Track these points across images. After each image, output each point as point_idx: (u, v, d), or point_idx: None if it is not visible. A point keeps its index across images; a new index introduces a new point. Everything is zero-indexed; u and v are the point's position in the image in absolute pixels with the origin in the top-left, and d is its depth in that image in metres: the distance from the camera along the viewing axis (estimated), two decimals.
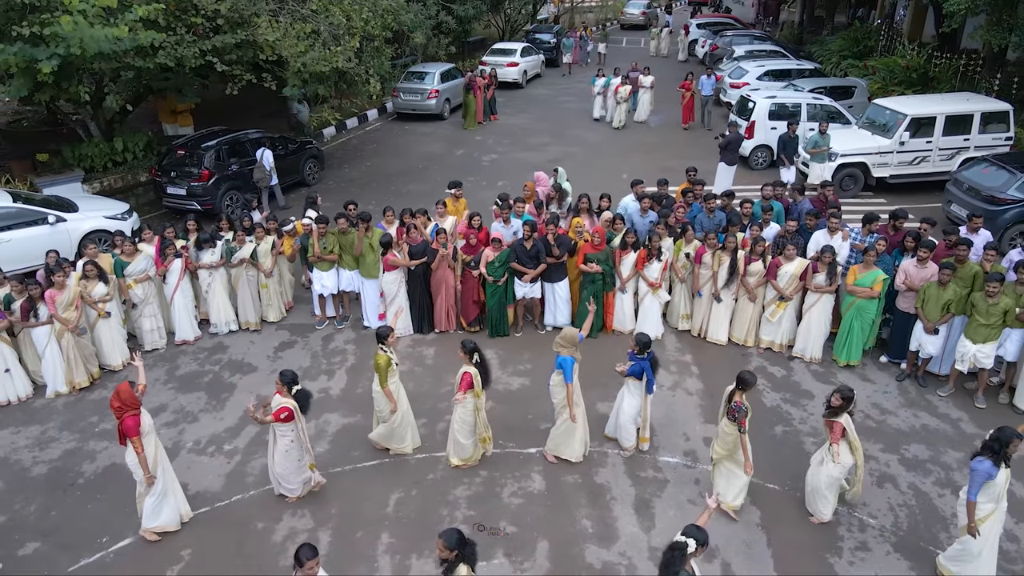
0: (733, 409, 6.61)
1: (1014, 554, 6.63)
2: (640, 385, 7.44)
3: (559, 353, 7.25)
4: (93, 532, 7.07)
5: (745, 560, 6.61)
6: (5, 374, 8.88)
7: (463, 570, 4.79)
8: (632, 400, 7.56)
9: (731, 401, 6.66)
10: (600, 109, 21.52)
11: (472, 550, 4.88)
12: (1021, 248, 8.81)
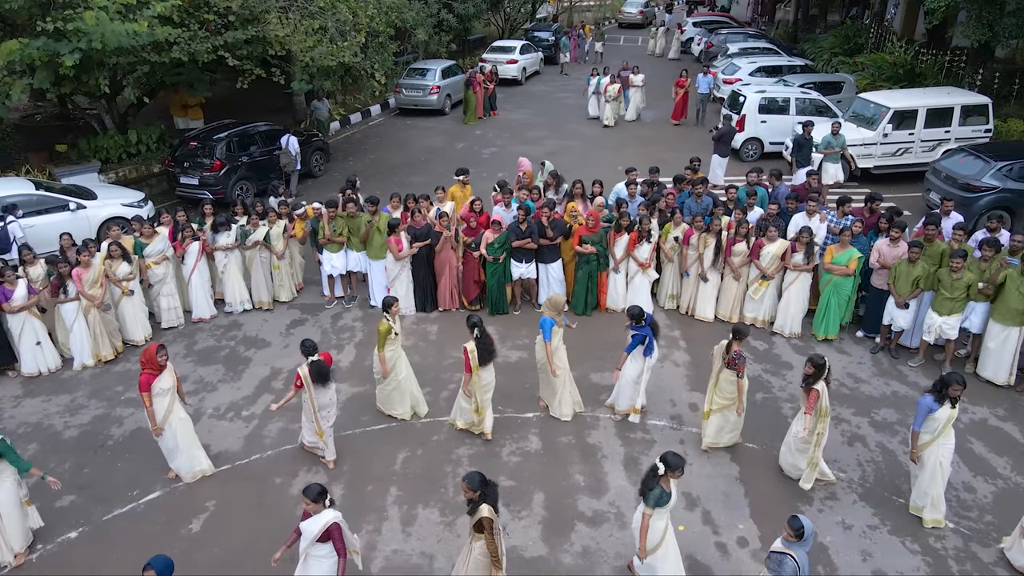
0: (733, 358, 7.24)
1: (970, 503, 7.24)
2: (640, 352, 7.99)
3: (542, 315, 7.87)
4: (124, 487, 7.67)
5: (724, 508, 7.22)
6: (36, 347, 9.49)
7: (485, 509, 5.39)
8: (634, 364, 8.10)
9: (729, 351, 7.24)
10: (595, 108, 21.87)
11: (494, 491, 5.51)
12: (987, 230, 9.38)
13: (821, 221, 10.08)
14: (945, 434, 6.52)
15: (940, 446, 6.57)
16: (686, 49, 32.56)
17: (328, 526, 5.47)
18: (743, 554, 6.69)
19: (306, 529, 5.52)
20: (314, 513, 5.51)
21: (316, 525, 5.47)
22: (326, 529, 5.47)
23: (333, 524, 5.50)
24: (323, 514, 5.50)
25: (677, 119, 21.06)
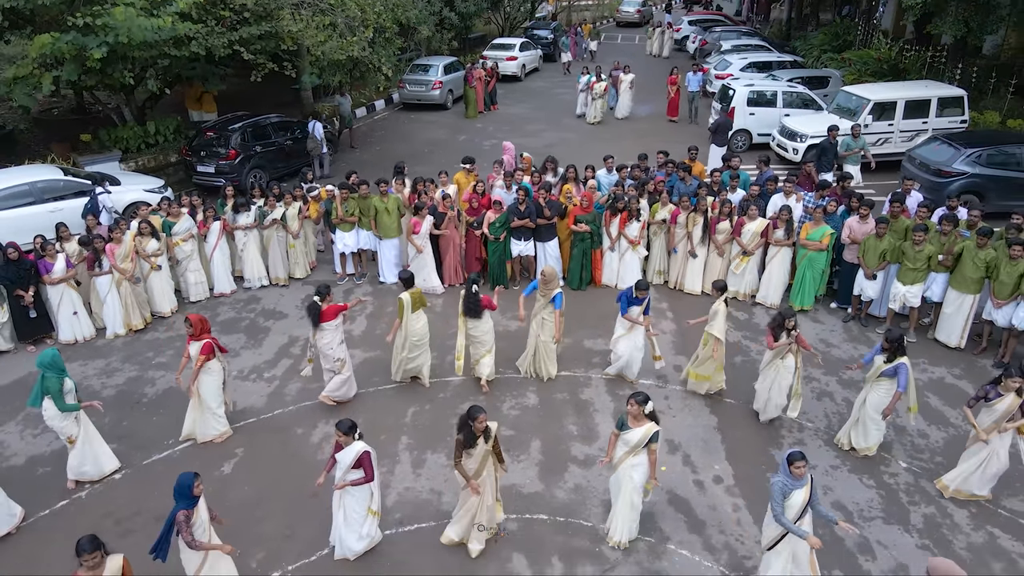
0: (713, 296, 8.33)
1: (923, 447, 8.05)
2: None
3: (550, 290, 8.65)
4: (160, 437, 8.47)
5: (703, 453, 8.03)
6: (73, 316, 10.30)
7: (494, 426, 6.27)
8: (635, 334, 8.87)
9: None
10: (583, 106, 22.25)
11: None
12: (947, 207, 10.19)
13: (797, 201, 10.89)
14: (874, 381, 7.37)
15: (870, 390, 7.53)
16: (681, 47, 33.37)
17: (360, 455, 6.27)
18: (718, 489, 7.50)
19: (341, 459, 6.32)
20: (346, 445, 6.31)
21: (349, 454, 6.28)
22: (358, 457, 6.27)
23: (364, 452, 6.31)
24: (354, 445, 6.31)
25: (673, 115, 21.64)
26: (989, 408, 6.92)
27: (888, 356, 7.28)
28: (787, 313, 7.81)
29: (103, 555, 5.09)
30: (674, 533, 6.97)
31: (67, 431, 7.38)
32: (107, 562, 5.11)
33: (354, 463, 6.28)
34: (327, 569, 6.67)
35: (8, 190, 12.39)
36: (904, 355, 7.27)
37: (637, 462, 6.42)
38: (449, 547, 6.82)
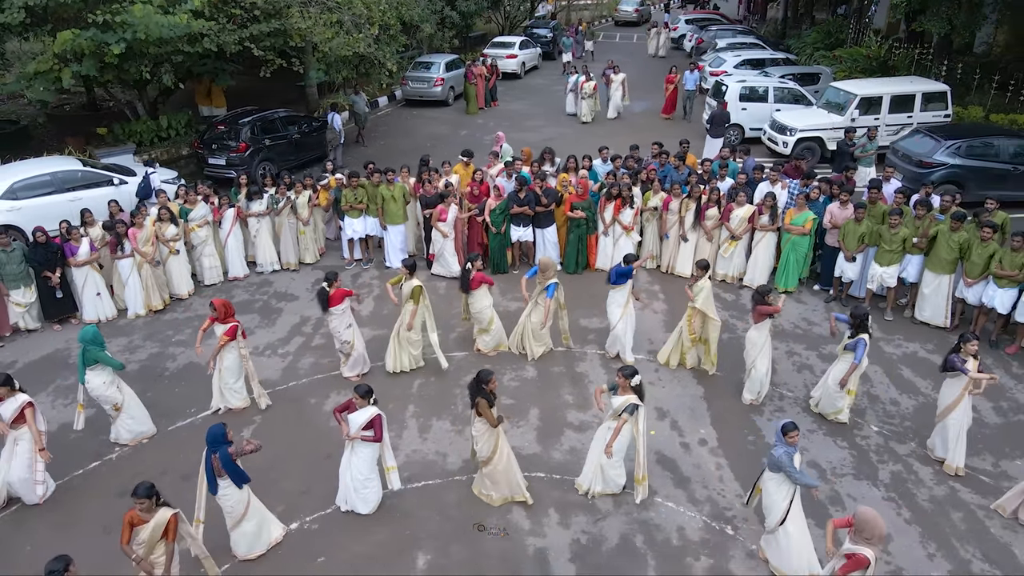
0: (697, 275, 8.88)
1: (894, 412, 8.65)
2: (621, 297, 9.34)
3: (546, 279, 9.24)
4: (182, 406, 9.06)
5: (689, 419, 8.62)
6: (96, 297, 10.89)
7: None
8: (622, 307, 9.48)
9: None
10: (572, 105, 22.33)
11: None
12: (925, 194, 10.78)
13: (782, 188, 11.48)
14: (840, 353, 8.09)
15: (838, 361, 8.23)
16: (679, 45, 33.93)
17: (372, 417, 6.87)
18: (702, 451, 8.09)
19: (353, 419, 6.92)
20: (360, 408, 6.90)
21: (362, 416, 6.88)
22: (370, 420, 6.87)
23: (376, 415, 6.91)
24: (368, 408, 6.90)
25: (668, 113, 22.01)
26: (957, 376, 7.43)
27: (852, 331, 7.86)
28: (763, 290, 8.35)
29: (155, 504, 5.67)
30: (661, 488, 7.56)
31: (112, 399, 7.98)
32: (158, 512, 5.68)
33: (366, 424, 6.87)
34: (340, 520, 7.27)
35: (31, 180, 12.95)
36: (866, 332, 7.84)
37: (608, 424, 7.03)
38: (454, 502, 7.41)
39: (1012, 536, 6.89)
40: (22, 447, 7.33)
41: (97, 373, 7.83)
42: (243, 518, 6.58)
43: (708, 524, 7.10)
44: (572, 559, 6.75)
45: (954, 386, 7.49)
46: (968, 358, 7.32)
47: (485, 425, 6.94)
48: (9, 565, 6.82)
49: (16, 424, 7.26)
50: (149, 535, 5.64)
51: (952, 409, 7.48)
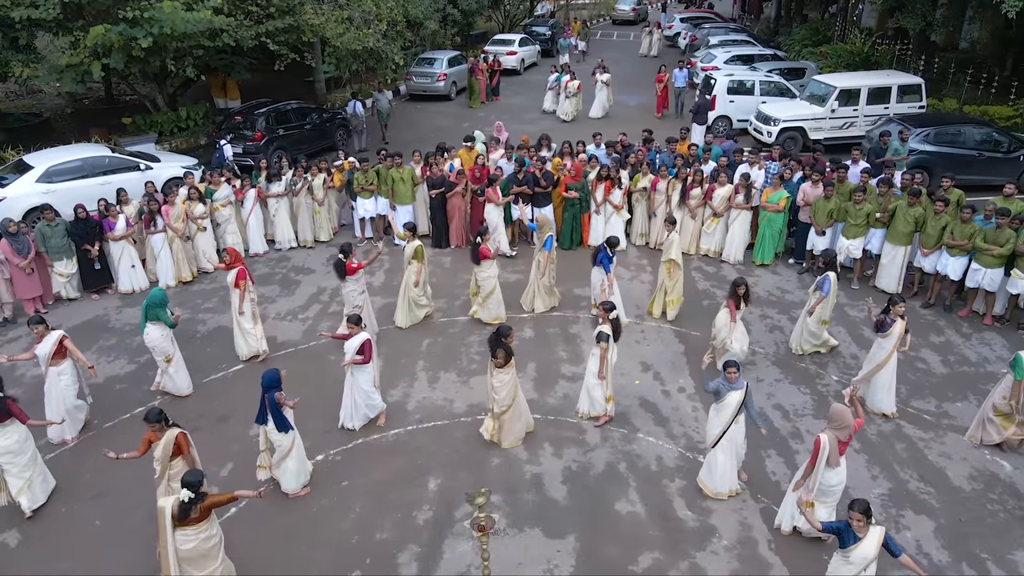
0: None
1: (852, 364, 9.64)
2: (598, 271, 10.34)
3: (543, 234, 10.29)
4: (214, 363, 10.07)
5: (670, 371, 9.64)
6: (131, 269, 11.91)
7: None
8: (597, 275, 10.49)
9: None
10: (551, 103, 22.86)
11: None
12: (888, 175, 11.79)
13: (759, 168, 12.50)
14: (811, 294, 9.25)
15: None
16: (673, 43, 34.93)
17: (363, 342, 7.96)
18: (681, 397, 9.11)
19: (348, 347, 8.00)
20: (355, 334, 7.97)
21: (356, 341, 8.00)
22: (361, 344, 7.93)
23: (366, 340, 8.06)
24: (361, 334, 7.98)
25: (660, 112, 22.57)
26: (887, 335, 8.35)
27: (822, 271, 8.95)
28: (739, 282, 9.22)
29: (165, 425, 6.68)
30: (643, 426, 8.58)
31: (166, 351, 8.96)
32: (167, 432, 6.68)
33: (358, 348, 7.95)
34: (361, 452, 8.29)
35: (64, 164, 13.98)
36: (833, 271, 8.93)
37: (594, 351, 8.14)
38: (461, 438, 8.42)
39: (946, 462, 7.90)
40: (66, 379, 8.35)
41: (156, 327, 8.82)
42: (287, 456, 7.52)
43: (683, 454, 8.11)
44: (564, 482, 7.76)
45: (884, 345, 8.38)
46: (896, 318, 8.25)
47: (507, 375, 7.91)
48: (72, 488, 7.83)
49: (56, 360, 8.24)
50: (161, 450, 6.64)
51: (884, 365, 8.40)
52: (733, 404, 7.16)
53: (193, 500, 5.73)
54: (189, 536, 5.91)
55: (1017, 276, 9.92)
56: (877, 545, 5.36)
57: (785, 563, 6.67)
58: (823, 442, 6.31)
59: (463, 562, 6.80)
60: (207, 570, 6.07)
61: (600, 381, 8.36)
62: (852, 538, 5.46)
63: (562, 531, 7.11)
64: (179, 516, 5.77)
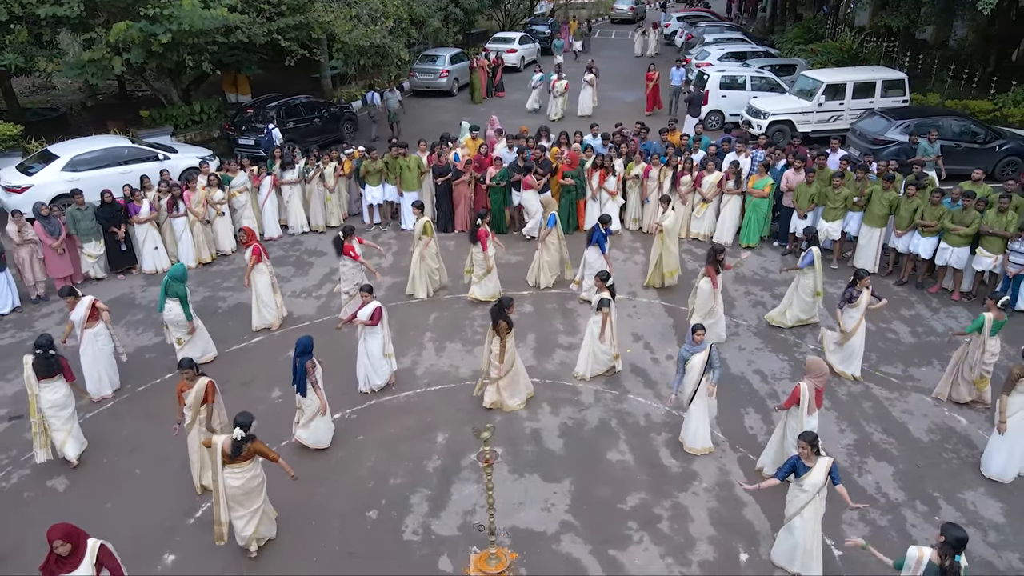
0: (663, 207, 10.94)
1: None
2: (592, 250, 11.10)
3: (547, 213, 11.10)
4: (235, 335, 10.82)
5: (659, 341, 10.40)
6: (154, 251, 12.66)
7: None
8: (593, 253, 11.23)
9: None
10: (533, 102, 23.19)
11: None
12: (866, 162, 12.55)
13: (746, 156, 13.27)
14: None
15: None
16: (670, 41, 35.66)
17: (375, 309, 8.70)
18: (668, 364, 9.86)
19: (361, 314, 8.74)
20: (367, 303, 8.71)
21: (369, 308, 8.70)
22: (373, 310, 8.68)
23: (377, 307, 8.78)
24: (373, 302, 8.73)
25: (649, 110, 22.85)
26: (855, 305, 9.11)
27: (806, 245, 9.71)
28: (718, 248, 9.99)
29: (196, 373, 7.41)
30: (633, 389, 9.34)
31: (183, 331, 9.68)
32: (198, 380, 7.42)
33: (370, 315, 8.70)
34: (374, 411, 9.06)
35: (88, 154, 14.75)
36: (815, 245, 9.68)
37: (595, 319, 8.89)
38: (465, 399, 9.18)
39: (908, 418, 8.67)
40: (102, 340, 9.13)
41: (176, 303, 9.55)
42: (316, 416, 8.26)
43: (669, 412, 8.87)
44: (560, 435, 8.53)
45: (853, 315, 9.12)
46: (863, 290, 9.00)
47: (508, 343, 8.66)
48: (111, 443, 8.59)
49: (90, 323, 9.00)
50: (193, 397, 7.36)
51: (855, 332, 9.16)
52: (698, 365, 7.85)
53: (244, 439, 6.46)
54: (236, 473, 6.61)
55: (982, 254, 10.69)
56: (825, 472, 6.11)
57: (758, 501, 7.43)
58: (803, 388, 7.04)
59: (469, 502, 7.56)
60: (251, 506, 6.78)
61: (605, 345, 9.16)
62: (803, 468, 6.21)
63: (558, 476, 7.87)
64: (231, 454, 6.49)
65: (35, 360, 7.81)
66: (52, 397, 7.94)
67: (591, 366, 9.42)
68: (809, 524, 6.28)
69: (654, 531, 7.15)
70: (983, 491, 7.53)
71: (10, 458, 8.40)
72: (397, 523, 7.35)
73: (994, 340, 8.22)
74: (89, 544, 5.38)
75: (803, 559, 6.36)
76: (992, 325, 8.07)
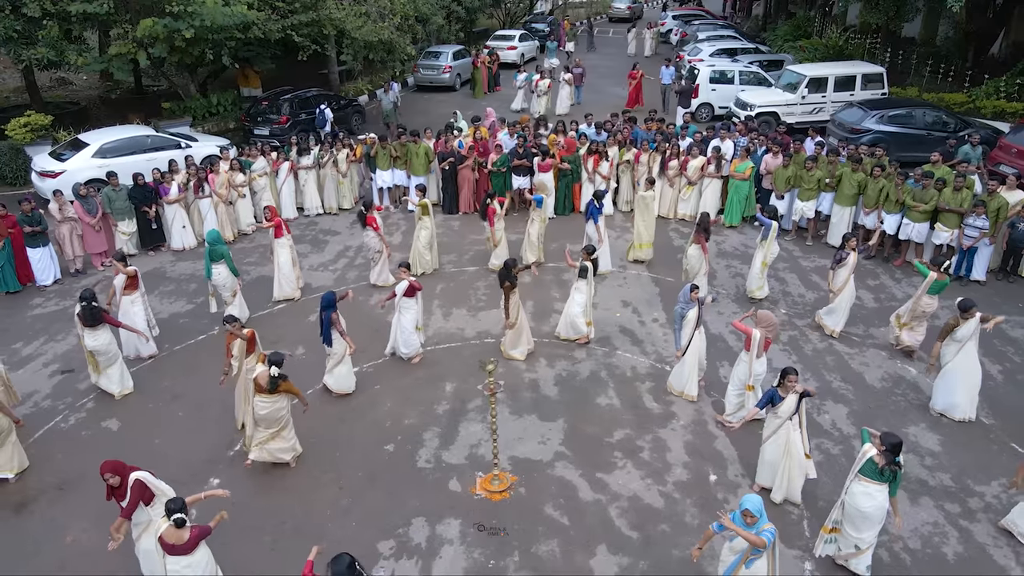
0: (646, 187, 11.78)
1: (800, 301, 11.45)
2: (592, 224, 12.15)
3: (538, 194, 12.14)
4: (260, 302, 11.85)
5: (646, 307, 11.46)
6: (182, 229, 13.72)
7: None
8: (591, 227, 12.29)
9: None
10: (519, 102, 23.82)
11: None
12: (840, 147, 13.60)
13: (731, 141, 14.34)
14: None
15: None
16: (666, 39, 36.69)
17: (410, 283, 9.69)
18: (654, 325, 10.93)
19: (398, 288, 9.74)
20: (403, 278, 9.72)
21: (404, 284, 9.69)
22: (409, 285, 9.69)
23: (411, 283, 9.72)
24: (407, 279, 9.72)
25: (631, 106, 23.30)
26: (843, 265, 10.18)
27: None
28: (704, 219, 11.08)
29: (240, 326, 8.46)
30: (621, 346, 10.40)
31: (232, 287, 10.74)
32: (243, 331, 8.47)
33: (407, 289, 9.71)
34: (388, 365, 10.12)
35: (115, 142, 15.79)
36: (775, 220, 10.72)
37: (579, 286, 9.94)
38: (470, 355, 10.23)
39: (865, 368, 9.74)
40: (137, 307, 10.14)
41: (222, 266, 10.61)
42: (340, 362, 9.32)
43: (653, 365, 9.94)
44: (555, 384, 9.59)
45: (842, 274, 10.20)
46: (850, 251, 10.08)
47: (514, 299, 9.71)
48: (154, 392, 9.64)
49: (128, 291, 10.03)
50: (238, 346, 8.43)
51: (843, 288, 10.23)
52: (693, 319, 8.96)
53: (279, 376, 7.53)
54: (265, 403, 7.69)
55: (940, 229, 11.75)
56: (796, 402, 7.13)
57: (728, 436, 8.49)
58: (755, 335, 8.11)
59: (475, 438, 8.61)
60: (274, 428, 7.86)
61: (581, 310, 10.15)
62: (779, 399, 7.24)
63: (553, 416, 8.94)
64: (267, 388, 7.56)
65: (81, 310, 8.90)
66: (95, 343, 9.05)
67: (565, 330, 10.40)
68: (782, 447, 7.30)
69: (636, 459, 8.21)
70: (924, 426, 8.60)
71: (66, 404, 9.45)
72: (412, 454, 8.41)
73: (932, 298, 9.29)
74: (131, 476, 6.31)
75: (779, 480, 7.39)
76: (932, 284, 9.13)
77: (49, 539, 7.33)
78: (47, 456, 8.46)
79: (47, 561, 7.06)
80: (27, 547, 7.23)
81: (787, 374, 7.12)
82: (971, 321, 8.26)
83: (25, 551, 7.18)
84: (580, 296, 10.17)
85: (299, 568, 5.36)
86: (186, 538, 5.84)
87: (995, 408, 8.90)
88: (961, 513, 7.36)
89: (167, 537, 5.83)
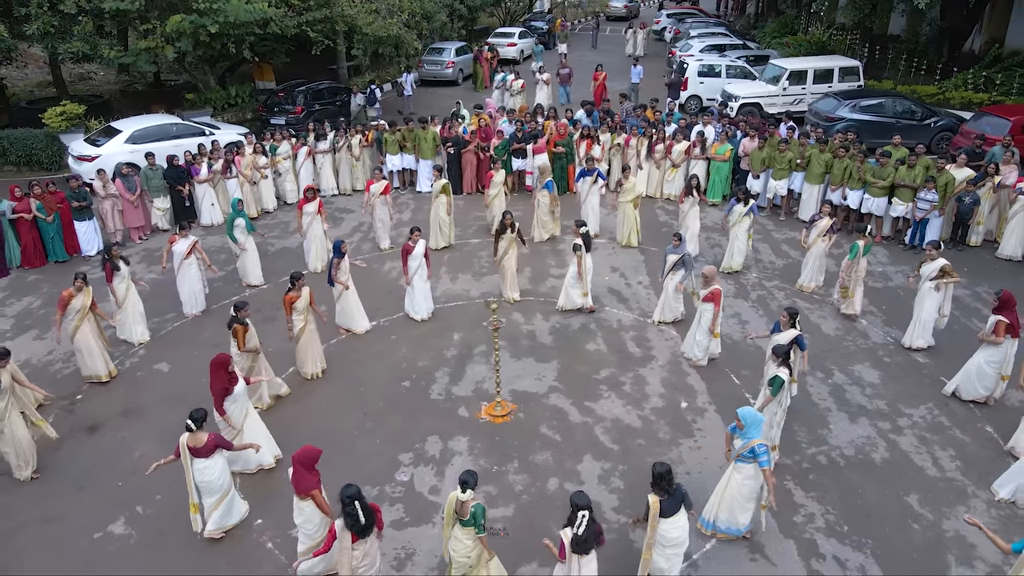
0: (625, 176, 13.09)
1: (770, 267, 12.78)
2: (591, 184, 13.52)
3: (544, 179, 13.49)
4: (284, 271, 13.08)
5: (632, 272, 12.79)
6: (211, 207, 15.04)
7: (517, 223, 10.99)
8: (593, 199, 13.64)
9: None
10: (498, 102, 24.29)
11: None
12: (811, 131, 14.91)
13: (711, 127, 15.67)
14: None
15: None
16: (660, 37, 37.98)
17: (425, 246, 11.02)
18: (639, 288, 12.26)
19: (415, 252, 11.05)
20: (415, 243, 11.04)
21: (420, 247, 11.01)
22: (424, 248, 11.02)
23: (427, 247, 11.06)
24: (421, 242, 11.04)
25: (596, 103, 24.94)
26: (815, 226, 11.51)
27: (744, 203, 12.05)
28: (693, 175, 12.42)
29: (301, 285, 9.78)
30: (609, 304, 11.73)
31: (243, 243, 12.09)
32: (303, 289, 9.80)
33: (423, 252, 11.03)
34: (402, 320, 11.43)
35: (144, 130, 17.11)
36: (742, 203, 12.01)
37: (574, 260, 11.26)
38: (474, 312, 11.55)
39: (822, 321, 11.07)
40: (193, 270, 11.46)
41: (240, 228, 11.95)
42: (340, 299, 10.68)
43: (637, 318, 11.27)
44: (550, 334, 10.92)
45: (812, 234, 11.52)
46: (824, 216, 11.43)
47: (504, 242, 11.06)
48: (198, 342, 10.95)
49: (188, 256, 11.35)
50: (302, 301, 9.75)
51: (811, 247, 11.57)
52: (670, 262, 10.34)
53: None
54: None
55: (896, 203, 13.08)
56: (790, 339, 8.27)
57: (698, 372, 9.82)
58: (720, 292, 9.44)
59: (480, 376, 9.94)
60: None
61: (577, 281, 11.43)
62: (778, 330, 8.45)
63: (548, 359, 10.27)
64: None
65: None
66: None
67: (565, 300, 11.56)
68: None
69: (619, 391, 9.54)
70: (868, 364, 9.94)
71: (120, 352, 10.76)
72: (425, 389, 9.74)
73: (864, 260, 10.67)
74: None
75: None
76: (864, 248, 10.52)
77: (119, 455, 8.66)
78: (109, 389, 9.78)
79: (123, 469, 8.39)
80: (104, 458, 8.56)
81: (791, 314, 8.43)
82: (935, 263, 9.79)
83: (103, 462, 8.51)
84: (573, 268, 11.40)
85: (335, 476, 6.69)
86: (204, 440, 6.99)
87: (931, 351, 10.23)
88: (891, 429, 8.70)
89: (189, 441, 7.00)
